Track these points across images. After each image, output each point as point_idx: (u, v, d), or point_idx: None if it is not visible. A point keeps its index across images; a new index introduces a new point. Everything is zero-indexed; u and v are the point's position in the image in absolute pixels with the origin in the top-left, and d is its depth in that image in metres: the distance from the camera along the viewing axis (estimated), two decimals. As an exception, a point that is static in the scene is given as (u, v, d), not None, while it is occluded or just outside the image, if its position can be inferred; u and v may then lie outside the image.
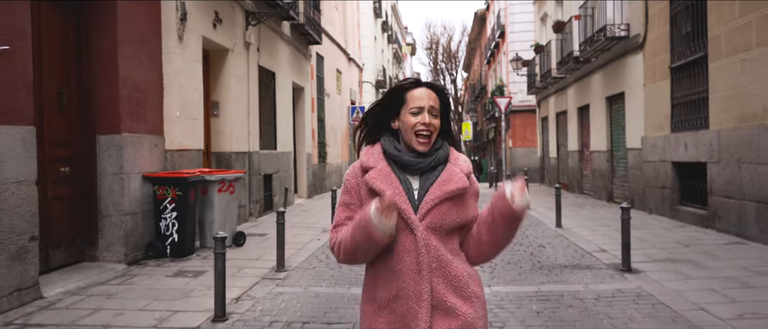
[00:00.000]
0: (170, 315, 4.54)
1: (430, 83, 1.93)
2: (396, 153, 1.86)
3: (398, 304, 1.79)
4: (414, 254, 1.78)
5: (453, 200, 1.83)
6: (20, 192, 4.77)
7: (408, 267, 1.79)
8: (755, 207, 6.99)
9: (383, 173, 1.84)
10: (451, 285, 1.80)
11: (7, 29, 4.67)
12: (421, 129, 1.84)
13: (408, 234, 1.79)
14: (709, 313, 4.31)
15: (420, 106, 1.85)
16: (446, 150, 1.91)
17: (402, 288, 1.79)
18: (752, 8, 6.96)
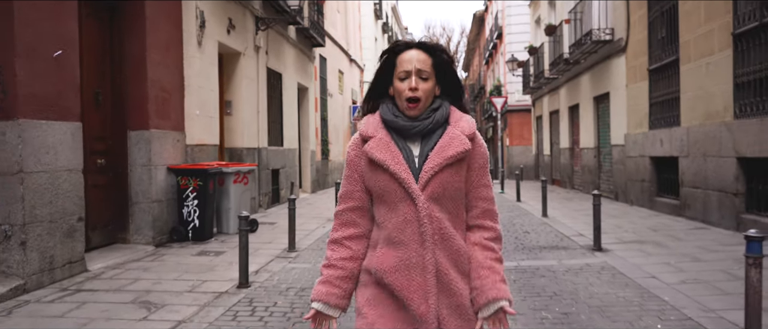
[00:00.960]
0: (201, 283, 5.32)
1: (419, 43, 1.83)
2: (393, 119, 1.80)
3: (399, 276, 1.73)
4: (416, 224, 1.72)
5: (454, 167, 1.75)
6: (70, 179, 5.55)
7: (410, 238, 1.73)
8: (717, 196, 7.77)
9: (382, 143, 1.78)
10: (452, 259, 1.75)
11: (61, 38, 5.46)
12: (409, 94, 1.77)
13: (409, 204, 1.73)
14: (658, 280, 5.08)
15: (407, 69, 1.78)
16: (446, 110, 1.81)
17: (404, 259, 1.73)
18: (714, 17, 7.74)
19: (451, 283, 1.73)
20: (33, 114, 5.07)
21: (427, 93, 1.78)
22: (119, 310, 4.43)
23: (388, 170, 1.74)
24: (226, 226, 8.10)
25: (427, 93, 1.78)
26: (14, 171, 4.92)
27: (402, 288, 1.72)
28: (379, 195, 1.78)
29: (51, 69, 5.31)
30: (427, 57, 1.79)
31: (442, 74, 1.82)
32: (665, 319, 3.98)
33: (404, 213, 1.73)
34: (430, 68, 1.79)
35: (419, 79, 1.77)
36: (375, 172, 1.77)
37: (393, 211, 1.75)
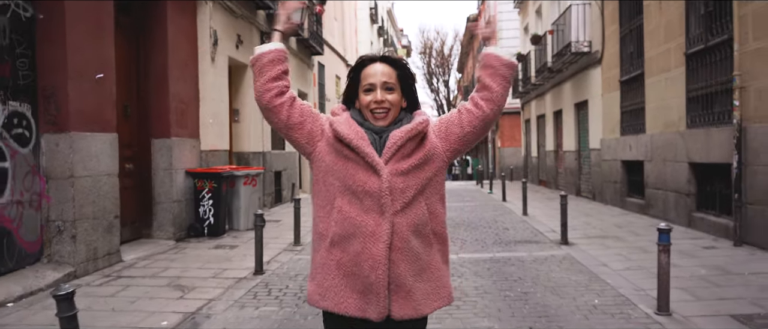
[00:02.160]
0: (222, 271, 6.26)
1: (383, 57, 1.89)
2: (362, 121, 1.88)
3: (353, 243, 1.78)
4: (377, 196, 1.76)
5: (415, 141, 1.82)
6: (109, 182, 6.49)
7: (370, 207, 1.77)
8: (674, 196, 8.75)
9: (349, 121, 1.85)
10: (415, 228, 1.79)
11: (102, 61, 6.38)
12: (374, 107, 1.82)
13: (372, 176, 1.77)
14: (608, 267, 6.05)
15: (371, 82, 1.82)
16: (409, 119, 1.90)
17: (359, 226, 1.77)
18: (671, 37, 8.71)
19: (412, 249, 1.78)
20: (80, 127, 6.00)
21: (393, 103, 1.83)
22: (158, 291, 5.37)
23: (349, 144, 1.79)
24: (237, 223, 9.03)
25: (393, 103, 1.83)
26: (66, 176, 5.85)
27: (355, 255, 1.77)
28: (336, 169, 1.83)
29: (94, 88, 6.24)
30: (392, 70, 1.85)
31: (406, 87, 1.88)
32: (603, 296, 4.95)
33: (366, 184, 1.77)
34: (395, 80, 1.84)
35: (385, 91, 1.82)
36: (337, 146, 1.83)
37: (351, 179, 1.80)
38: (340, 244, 1.81)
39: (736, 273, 5.53)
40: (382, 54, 1.92)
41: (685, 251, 6.69)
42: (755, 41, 6.43)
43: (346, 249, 1.80)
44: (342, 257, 1.80)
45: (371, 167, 1.78)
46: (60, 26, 5.81)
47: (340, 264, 1.81)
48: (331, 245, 1.82)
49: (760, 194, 6.41)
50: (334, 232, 1.81)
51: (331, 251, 1.83)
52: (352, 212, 1.79)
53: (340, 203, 1.81)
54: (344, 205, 1.80)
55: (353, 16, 27.00)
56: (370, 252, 1.76)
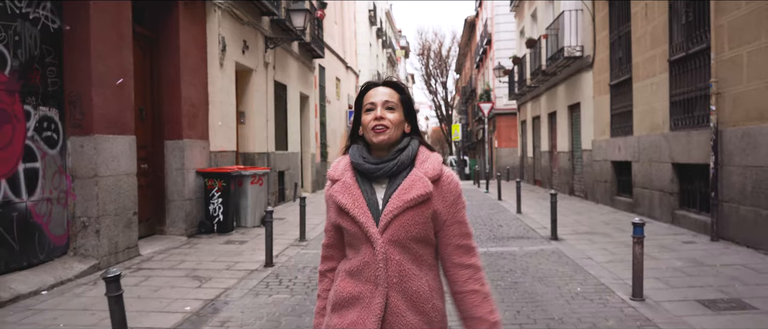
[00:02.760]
0: (234, 263, 6.73)
1: (385, 81, 1.88)
2: (359, 161, 1.82)
3: (349, 311, 1.78)
4: (373, 267, 1.74)
5: (416, 209, 1.75)
6: (128, 181, 6.95)
7: (366, 278, 1.76)
8: (659, 195, 9.25)
9: (346, 186, 1.81)
10: (410, 300, 1.75)
11: (122, 69, 6.85)
12: (374, 124, 1.79)
13: (368, 247, 1.75)
14: (592, 260, 6.54)
15: (372, 101, 1.81)
16: (412, 150, 1.81)
17: (356, 296, 1.77)
18: (657, 44, 9.20)
19: (406, 324, 1.73)
20: (103, 130, 6.47)
21: (394, 122, 1.79)
22: (177, 281, 5.84)
23: (348, 213, 1.77)
24: (245, 220, 9.50)
25: (394, 122, 1.79)
26: (91, 175, 6.32)
27: (351, 323, 1.75)
28: (346, 234, 1.83)
29: (115, 94, 6.70)
30: (394, 92, 1.83)
31: (408, 110, 1.85)
32: (585, 284, 5.44)
33: (364, 255, 1.76)
34: (397, 100, 1.82)
35: (385, 110, 1.79)
36: (340, 214, 1.81)
37: (357, 251, 1.79)
38: (337, 312, 1.81)
39: (709, 264, 6.02)
40: (385, 79, 1.89)
41: (666, 245, 7.19)
42: (730, 50, 6.92)
43: (342, 317, 1.79)
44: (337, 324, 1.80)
45: (366, 237, 1.75)
46: (85, 37, 6.28)
47: None
48: (332, 311, 1.83)
49: (734, 193, 6.90)
50: (333, 300, 1.83)
51: (331, 317, 1.83)
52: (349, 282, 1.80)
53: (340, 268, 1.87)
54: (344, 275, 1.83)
55: (352, 18, 27.47)
56: (363, 324, 1.74)
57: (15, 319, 4.58)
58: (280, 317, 4.66)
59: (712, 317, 4.32)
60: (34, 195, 5.84)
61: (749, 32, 6.50)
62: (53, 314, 4.73)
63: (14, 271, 5.53)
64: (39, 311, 4.81)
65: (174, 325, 4.46)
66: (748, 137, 6.56)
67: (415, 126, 1.88)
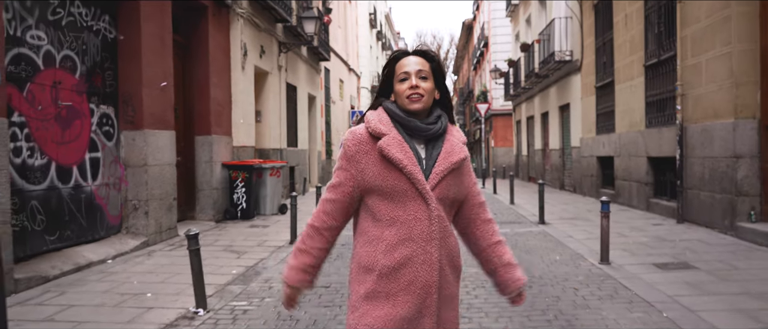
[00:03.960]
0: (263, 241, 7.77)
1: (417, 50, 1.89)
2: (406, 118, 1.83)
3: (406, 271, 1.77)
4: (426, 222, 1.77)
5: (454, 172, 1.84)
6: (170, 171, 7.98)
7: (419, 236, 1.77)
8: (636, 186, 10.31)
9: (396, 141, 1.79)
10: (449, 255, 1.84)
11: (165, 73, 7.88)
12: (410, 93, 1.81)
13: (420, 204, 1.77)
14: (573, 238, 7.59)
15: (406, 71, 1.83)
16: (445, 122, 1.89)
17: (411, 256, 1.77)
18: (635, 51, 10.27)
19: (446, 277, 1.83)
20: (151, 126, 7.49)
21: (428, 91, 1.83)
22: (219, 254, 6.87)
23: (403, 169, 1.76)
24: (264, 209, 10.53)
25: (428, 91, 1.83)
26: (141, 164, 7.35)
27: (409, 283, 1.76)
28: (386, 193, 1.80)
29: (159, 94, 7.73)
30: (426, 61, 1.86)
31: (439, 79, 1.89)
32: (563, 254, 6.49)
33: (414, 211, 1.77)
34: (428, 70, 1.85)
35: (419, 79, 1.82)
36: (387, 169, 1.78)
37: (401, 208, 1.78)
38: (389, 275, 1.80)
39: (670, 240, 7.08)
40: (416, 48, 1.92)
41: (637, 227, 8.25)
42: (692, 58, 7.98)
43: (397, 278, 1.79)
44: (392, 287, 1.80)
45: (419, 194, 1.79)
46: (137, 45, 7.31)
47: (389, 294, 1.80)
48: (380, 276, 1.80)
49: (695, 181, 7.97)
50: (382, 264, 1.80)
51: (378, 282, 1.81)
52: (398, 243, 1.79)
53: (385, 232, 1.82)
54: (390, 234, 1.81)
55: (354, 22, 28.52)
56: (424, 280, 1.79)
57: (96, 278, 5.61)
58: (312, 277, 5.69)
59: (661, 274, 5.37)
60: (97, 180, 6.87)
61: (707, 42, 7.56)
62: (124, 275, 5.76)
63: (83, 244, 6.55)
64: (112, 273, 5.84)
65: (228, 281, 5.50)
66: (706, 132, 7.63)
67: (444, 93, 1.93)
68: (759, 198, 6.87)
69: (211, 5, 9.54)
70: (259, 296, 5.00)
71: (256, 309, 4.59)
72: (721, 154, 7.27)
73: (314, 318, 4.27)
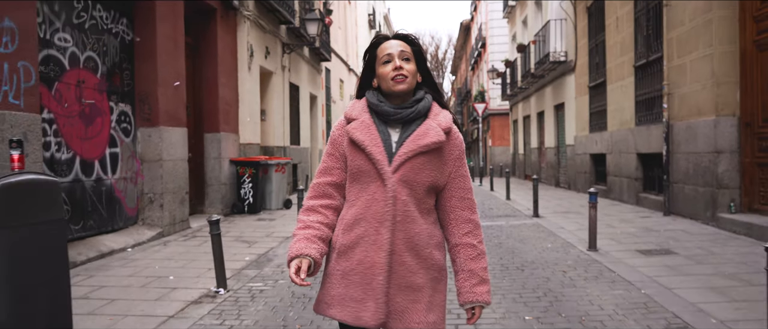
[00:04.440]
0: (271, 232, 8.20)
1: (396, 34, 1.93)
2: (377, 103, 1.87)
3: (357, 251, 1.81)
4: (381, 203, 1.79)
5: (428, 155, 1.82)
6: (182, 166, 8.40)
7: (372, 216, 1.80)
8: (627, 181, 10.76)
9: (364, 125, 1.85)
10: (410, 242, 1.81)
11: (177, 73, 8.30)
12: (394, 74, 1.84)
13: (379, 185, 1.80)
14: (564, 229, 8.03)
15: (389, 53, 1.85)
16: (427, 103, 1.88)
17: (362, 235, 1.80)
18: (625, 52, 10.72)
19: (402, 263, 1.80)
20: (165, 123, 7.92)
21: (411, 72, 1.86)
22: (231, 243, 7.29)
23: (364, 150, 1.81)
24: (270, 203, 10.95)
25: (411, 72, 1.86)
26: (157, 159, 7.77)
27: (358, 263, 1.80)
28: (354, 174, 1.85)
29: (173, 93, 8.15)
30: (407, 45, 1.89)
31: (421, 62, 1.92)
32: (554, 243, 6.93)
33: (372, 192, 1.81)
34: (410, 52, 1.88)
35: (402, 60, 1.85)
36: (354, 152, 1.85)
37: (363, 190, 1.83)
38: (344, 253, 1.84)
39: (655, 230, 7.53)
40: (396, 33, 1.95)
41: (626, 219, 8.70)
42: (678, 59, 8.43)
43: (349, 257, 1.83)
44: (346, 266, 1.84)
45: (378, 174, 1.82)
46: (152, 47, 7.73)
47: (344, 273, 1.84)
48: (339, 254, 1.86)
49: (680, 175, 8.42)
50: (340, 242, 1.86)
51: (337, 260, 1.86)
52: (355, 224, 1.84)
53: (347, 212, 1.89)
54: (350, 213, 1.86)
55: (354, 23, 28.94)
56: (371, 260, 1.80)
57: (119, 264, 6.03)
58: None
59: (644, 259, 5.81)
60: (116, 174, 7.29)
61: (691, 44, 8.01)
62: (145, 262, 6.18)
63: (104, 233, 6.97)
64: (133, 260, 6.26)
65: (243, 266, 5.94)
66: (690, 128, 8.07)
67: (426, 76, 1.95)
68: (738, 191, 7.32)
69: (220, 8, 9.96)
70: (272, 278, 5.43)
71: (271, 289, 5.02)
72: (703, 149, 7.72)
73: (325, 296, 4.70)
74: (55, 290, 2.82)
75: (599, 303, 4.31)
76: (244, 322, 4.10)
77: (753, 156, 7.13)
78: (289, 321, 4.09)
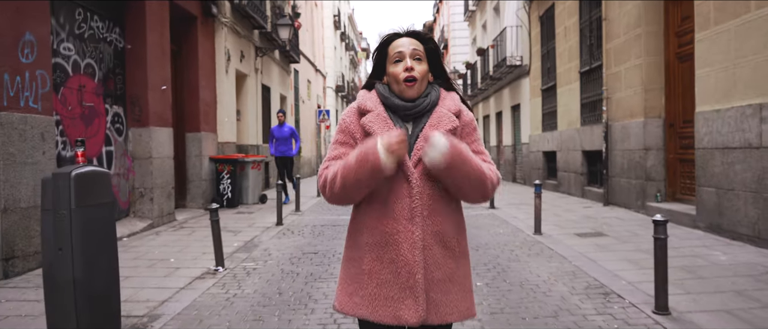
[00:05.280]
0: (252, 223, 8.97)
1: (408, 32, 1.87)
2: (388, 96, 1.81)
3: (387, 251, 1.75)
4: (408, 199, 1.74)
5: None
6: (169, 163, 9.09)
7: (400, 214, 1.74)
8: (574, 176, 11.90)
9: (380, 117, 1.79)
10: (438, 234, 1.78)
11: (164, 77, 8.99)
12: (405, 75, 1.78)
13: (402, 180, 1.74)
14: (517, 218, 9.05)
15: (400, 51, 1.80)
16: (436, 94, 1.84)
17: (392, 234, 1.74)
18: (572, 59, 11.85)
19: (434, 258, 1.77)
20: (154, 123, 8.61)
21: (422, 74, 1.80)
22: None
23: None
24: (246, 198, 11.69)
25: (422, 74, 1.80)
26: (147, 157, 8.46)
27: (390, 262, 1.75)
28: None
29: (160, 96, 8.84)
30: (419, 43, 1.84)
31: (433, 61, 1.86)
32: (506, 229, 7.93)
33: (396, 188, 1.75)
34: (423, 51, 1.83)
35: (414, 60, 1.79)
36: None
37: (385, 185, 1.75)
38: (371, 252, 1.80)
39: (593, 218, 8.61)
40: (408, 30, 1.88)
41: (571, 209, 9.79)
42: (615, 67, 9.55)
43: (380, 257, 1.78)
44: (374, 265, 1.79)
45: (401, 170, 1.75)
46: (142, 54, 8.41)
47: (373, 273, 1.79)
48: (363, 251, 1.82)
49: (617, 170, 9.55)
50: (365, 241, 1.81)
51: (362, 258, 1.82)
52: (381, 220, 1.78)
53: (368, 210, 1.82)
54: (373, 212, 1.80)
55: (320, 25, 29.67)
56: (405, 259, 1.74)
57: (121, 250, 6.72)
58: (301, 246, 6.97)
59: (579, 240, 6.84)
60: (111, 171, 7.97)
61: (625, 54, 9.13)
62: (144, 248, 6.90)
63: (101, 224, 7.64)
64: (132, 246, 6.98)
65: (234, 250, 6.73)
66: (625, 129, 9.20)
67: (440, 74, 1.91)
68: (663, 183, 8.46)
69: (200, 16, 10.66)
70: (262, 259, 6.25)
71: (262, 267, 5.84)
72: (635, 147, 8.84)
73: (310, 271, 5.56)
74: (109, 258, 3.60)
75: (537, 273, 5.29)
76: (245, 291, 4.92)
77: (675, 152, 8.27)
78: (283, 290, 4.93)
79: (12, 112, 5.38)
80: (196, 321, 4.11)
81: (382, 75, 1.89)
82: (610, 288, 4.68)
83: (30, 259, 5.55)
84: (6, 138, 5.28)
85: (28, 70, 5.66)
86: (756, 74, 5.74)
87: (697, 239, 6.50)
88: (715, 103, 6.47)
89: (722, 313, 3.92)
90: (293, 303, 4.48)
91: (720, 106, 6.38)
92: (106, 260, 3.57)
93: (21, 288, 4.93)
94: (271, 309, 4.34)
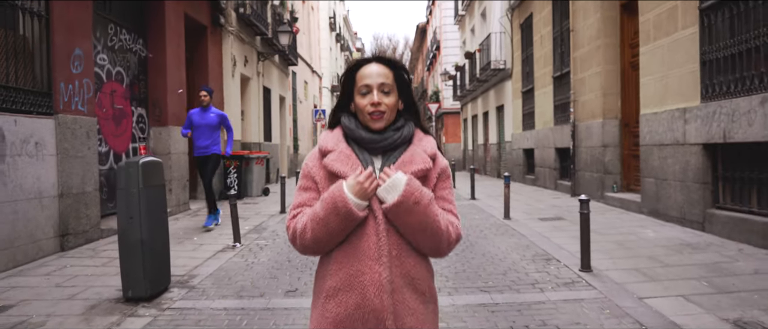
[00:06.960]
0: (258, 212, 10.12)
1: (379, 58, 1.75)
2: (355, 129, 1.71)
3: (352, 295, 1.63)
4: (374, 238, 1.63)
5: None
6: (184, 158, 10.23)
7: (365, 253, 1.63)
8: (548, 171, 13.11)
9: (343, 155, 1.69)
10: (407, 276, 1.66)
11: (180, 81, 10.13)
12: (372, 110, 1.68)
13: (368, 217, 1.64)
14: (492, 207, 10.25)
15: (367, 84, 1.69)
16: (411, 129, 1.74)
17: (356, 275, 1.63)
18: (546, 65, 13.05)
19: (404, 303, 1.65)
20: (173, 123, 9.75)
21: (390, 107, 1.70)
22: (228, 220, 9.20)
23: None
24: (251, 191, 12.84)
25: (390, 107, 1.70)
26: (166, 153, 9.61)
27: (356, 307, 1.62)
28: None
29: (177, 99, 9.99)
30: (389, 71, 1.73)
31: (403, 89, 1.76)
32: (482, 215, 9.12)
33: (362, 227, 1.64)
34: (391, 82, 1.72)
35: (382, 94, 1.69)
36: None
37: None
38: (335, 297, 1.66)
39: (559, 206, 9.82)
40: (376, 55, 1.78)
41: (542, 200, 11.00)
42: (580, 73, 10.76)
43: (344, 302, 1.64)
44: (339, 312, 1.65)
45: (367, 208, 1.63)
46: (162, 61, 9.56)
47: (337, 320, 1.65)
48: (327, 298, 1.68)
49: (582, 164, 10.76)
50: (328, 285, 1.68)
51: (325, 306, 1.68)
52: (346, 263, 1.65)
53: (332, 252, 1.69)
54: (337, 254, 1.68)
55: (316, 27, 30.81)
56: (372, 305, 1.61)
57: (150, 231, 7.88)
58: (304, 229, 8.13)
59: (540, 223, 8.04)
60: (136, 164, 9.10)
61: (588, 63, 10.33)
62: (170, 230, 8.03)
63: (129, 211, 8.78)
64: (158, 229, 8.11)
65: (246, 232, 7.89)
66: (588, 128, 10.41)
67: (409, 103, 1.79)
68: (619, 175, 9.67)
69: (209, 26, 11.80)
70: (271, 239, 7.41)
71: (272, 243, 7.01)
72: (596, 144, 10.05)
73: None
74: (163, 225, 4.76)
75: (499, 247, 6.48)
76: (260, 260, 6.09)
77: (629, 149, 9.48)
78: (291, 259, 6.10)
79: (66, 114, 6.53)
80: (226, 278, 5.28)
81: (349, 103, 1.77)
82: (552, 255, 5.88)
83: (80, 236, 6.70)
84: (62, 136, 6.43)
85: (77, 79, 6.81)
86: (681, 83, 6.94)
87: (637, 221, 7.72)
88: (654, 106, 7.67)
89: (631, 271, 5.11)
90: (301, 267, 5.66)
91: (657, 109, 7.59)
92: (161, 227, 4.74)
93: (77, 257, 6.09)
94: (283, 271, 5.51)
